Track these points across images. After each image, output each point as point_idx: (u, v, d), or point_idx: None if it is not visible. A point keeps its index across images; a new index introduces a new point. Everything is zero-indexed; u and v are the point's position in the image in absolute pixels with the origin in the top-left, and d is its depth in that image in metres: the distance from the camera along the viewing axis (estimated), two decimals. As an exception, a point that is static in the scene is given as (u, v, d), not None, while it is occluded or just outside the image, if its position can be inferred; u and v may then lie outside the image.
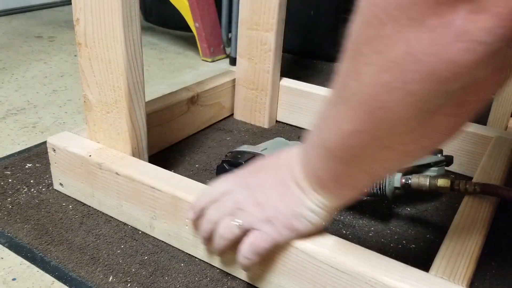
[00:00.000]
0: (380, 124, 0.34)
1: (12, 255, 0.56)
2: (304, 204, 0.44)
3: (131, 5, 0.54)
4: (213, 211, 0.48)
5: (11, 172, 0.71)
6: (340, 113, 0.37)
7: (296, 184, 0.44)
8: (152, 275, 0.53)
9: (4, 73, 1.13)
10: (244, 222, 0.46)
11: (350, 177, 0.41)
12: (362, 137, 0.36)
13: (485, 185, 0.56)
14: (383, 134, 0.34)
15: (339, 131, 0.37)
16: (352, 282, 0.44)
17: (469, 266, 0.46)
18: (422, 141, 0.35)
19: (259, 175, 0.48)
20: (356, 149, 0.37)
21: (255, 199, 0.46)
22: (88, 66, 0.59)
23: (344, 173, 0.40)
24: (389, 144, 0.35)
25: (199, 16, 1.30)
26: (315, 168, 0.42)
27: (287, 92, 0.91)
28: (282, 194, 0.45)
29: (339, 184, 0.41)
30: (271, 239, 0.45)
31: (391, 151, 0.36)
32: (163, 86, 1.12)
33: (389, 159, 0.37)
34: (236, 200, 0.47)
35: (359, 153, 0.37)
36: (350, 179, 0.41)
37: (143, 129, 0.62)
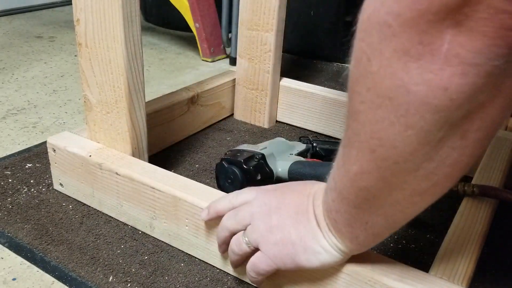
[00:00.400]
0: (384, 163, 0.32)
1: (12, 255, 0.56)
2: (317, 240, 0.42)
3: (131, 6, 0.54)
4: (229, 218, 0.47)
5: (11, 172, 0.71)
6: (347, 154, 0.36)
7: (315, 217, 0.42)
8: (152, 275, 0.53)
9: (4, 73, 1.13)
10: (251, 239, 0.45)
11: (363, 222, 0.38)
12: (368, 178, 0.34)
13: (483, 187, 0.55)
14: (389, 173, 0.33)
15: (347, 173, 0.36)
16: (352, 282, 0.44)
17: (469, 266, 0.46)
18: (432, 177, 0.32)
19: (282, 196, 0.45)
20: (365, 191, 0.35)
21: (269, 219, 0.44)
22: (89, 66, 0.59)
23: (356, 217, 0.38)
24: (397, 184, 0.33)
25: (199, 16, 1.30)
26: (331, 210, 0.40)
27: (287, 92, 0.91)
28: (298, 222, 0.43)
29: (352, 229, 0.39)
30: (272, 264, 0.44)
31: (400, 191, 0.34)
32: (163, 86, 1.12)
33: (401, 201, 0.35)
34: (252, 212, 0.45)
35: (369, 196, 0.35)
36: (363, 224, 0.38)
37: (143, 129, 0.62)
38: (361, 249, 0.41)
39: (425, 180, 0.32)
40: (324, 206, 0.41)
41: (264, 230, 0.44)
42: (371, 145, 0.32)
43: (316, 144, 0.75)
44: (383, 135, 0.31)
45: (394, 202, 0.35)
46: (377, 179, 0.34)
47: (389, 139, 0.31)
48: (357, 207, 0.37)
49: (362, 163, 0.34)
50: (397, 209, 0.36)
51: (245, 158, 0.65)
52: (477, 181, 0.62)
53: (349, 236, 0.40)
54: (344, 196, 0.37)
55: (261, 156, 0.66)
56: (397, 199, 0.35)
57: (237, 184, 0.64)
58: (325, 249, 0.42)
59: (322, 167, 0.64)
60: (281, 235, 0.43)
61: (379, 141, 0.31)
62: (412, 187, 0.33)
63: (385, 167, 0.32)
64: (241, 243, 0.46)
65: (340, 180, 0.37)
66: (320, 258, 0.42)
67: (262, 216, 0.45)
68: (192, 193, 0.54)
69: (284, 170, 0.66)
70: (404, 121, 0.29)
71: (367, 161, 0.33)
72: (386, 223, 0.37)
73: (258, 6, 0.82)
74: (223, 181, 0.66)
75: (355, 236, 0.39)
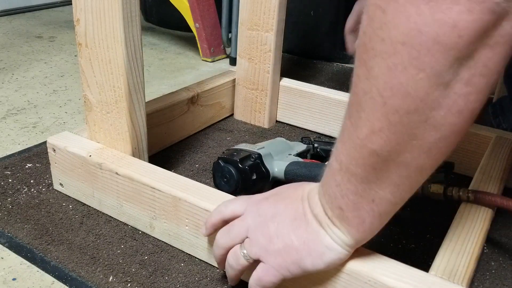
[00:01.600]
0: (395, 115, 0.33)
1: (12, 255, 0.56)
2: (321, 240, 0.41)
3: (131, 6, 0.54)
4: (223, 236, 0.47)
5: (11, 172, 0.71)
6: (354, 122, 0.36)
7: (314, 217, 0.42)
8: (152, 275, 0.53)
9: (4, 73, 1.13)
10: (250, 253, 0.44)
11: (369, 200, 0.38)
12: (379, 139, 0.35)
13: (478, 193, 0.55)
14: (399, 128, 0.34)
15: (356, 141, 0.36)
16: (352, 282, 0.44)
17: (469, 266, 0.46)
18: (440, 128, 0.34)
19: (275, 204, 0.45)
20: (374, 157, 0.36)
21: (267, 229, 0.43)
22: (89, 66, 0.59)
23: (363, 196, 0.38)
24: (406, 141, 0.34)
25: (199, 16, 1.30)
26: (334, 197, 0.40)
27: (287, 92, 0.91)
28: (297, 228, 0.42)
29: (359, 212, 0.39)
30: (278, 275, 0.43)
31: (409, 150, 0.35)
32: (163, 86, 1.12)
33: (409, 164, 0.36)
34: (247, 226, 0.45)
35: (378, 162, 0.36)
36: (369, 203, 0.38)
37: (143, 129, 0.62)
38: (366, 237, 0.41)
39: (433, 131, 0.34)
40: (325, 199, 0.41)
41: (264, 242, 0.43)
42: (383, 98, 0.33)
43: (317, 145, 0.75)
44: (395, 84, 0.32)
45: (402, 166, 0.36)
46: (387, 137, 0.35)
47: (402, 86, 0.32)
48: (365, 181, 0.37)
49: (373, 121, 0.35)
50: (404, 176, 0.37)
51: (241, 158, 0.65)
52: (477, 180, 0.62)
53: (356, 221, 0.40)
54: (352, 172, 0.38)
55: (258, 155, 0.66)
56: (406, 161, 0.35)
57: (232, 183, 0.64)
58: (330, 248, 0.41)
59: (318, 168, 0.63)
60: (283, 244, 0.42)
61: (391, 91, 0.33)
62: (420, 143, 0.34)
63: (396, 120, 0.34)
64: (239, 257, 0.45)
65: (347, 153, 0.38)
66: (324, 259, 0.42)
67: (258, 228, 0.44)
68: (192, 193, 0.54)
69: (280, 170, 0.66)
70: (416, 64, 0.31)
71: (378, 118, 0.34)
72: (392, 197, 0.38)
73: (258, 6, 0.82)
74: (219, 179, 0.66)
75: (362, 220, 0.39)
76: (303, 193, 0.44)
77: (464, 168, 0.77)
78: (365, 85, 0.35)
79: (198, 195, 0.54)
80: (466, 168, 0.77)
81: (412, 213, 0.67)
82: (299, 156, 0.71)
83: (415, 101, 0.32)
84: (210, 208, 0.52)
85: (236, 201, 0.48)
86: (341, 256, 0.42)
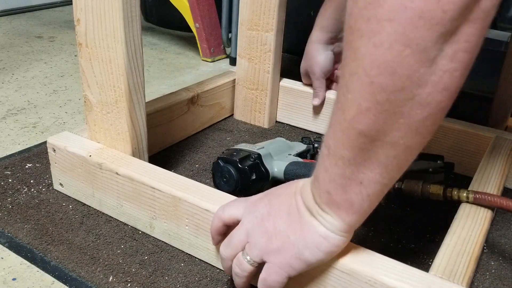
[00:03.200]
0: (382, 94, 0.34)
1: (12, 255, 0.56)
2: (315, 229, 0.42)
3: (131, 6, 0.54)
4: (226, 248, 0.47)
5: (11, 172, 0.71)
6: (342, 105, 0.37)
7: (306, 208, 0.42)
8: (152, 275, 0.53)
9: (4, 73, 1.13)
10: (253, 256, 0.44)
11: (357, 182, 0.38)
12: (366, 119, 0.35)
13: (478, 193, 0.54)
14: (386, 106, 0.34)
15: (344, 123, 0.37)
16: (352, 282, 0.44)
17: (469, 266, 0.46)
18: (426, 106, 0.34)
19: (269, 203, 0.45)
20: (362, 137, 0.36)
21: (265, 229, 0.44)
22: (89, 66, 0.59)
23: (352, 178, 0.38)
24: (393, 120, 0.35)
25: (199, 16, 1.30)
26: (323, 183, 0.40)
27: (287, 92, 0.91)
28: (292, 222, 0.43)
29: (347, 195, 0.39)
30: (282, 273, 0.43)
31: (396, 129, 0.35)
32: (163, 86, 1.12)
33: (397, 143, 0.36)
34: (246, 231, 0.45)
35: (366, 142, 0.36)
36: (358, 185, 0.38)
37: (143, 129, 0.62)
38: (358, 219, 0.41)
39: (420, 109, 0.34)
40: (315, 187, 0.42)
41: (264, 242, 0.43)
42: (370, 77, 0.34)
43: (317, 145, 0.75)
44: (381, 62, 0.33)
45: (390, 146, 0.36)
46: (375, 117, 0.35)
47: (388, 64, 0.33)
48: (352, 163, 0.38)
49: (360, 102, 0.35)
50: (392, 156, 0.37)
51: (240, 158, 0.65)
52: (476, 181, 0.62)
53: (345, 205, 0.40)
54: (339, 155, 0.38)
55: (257, 156, 0.66)
56: (393, 141, 0.36)
57: (232, 183, 0.64)
58: (324, 236, 0.41)
59: None
60: (281, 241, 0.43)
61: (378, 70, 0.33)
62: (407, 121, 0.35)
63: (383, 99, 0.34)
64: (243, 263, 0.45)
65: (334, 137, 0.38)
66: (322, 248, 0.42)
67: (256, 229, 0.44)
68: (192, 193, 0.54)
69: (280, 170, 0.66)
70: (402, 40, 0.31)
71: (365, 98, 0.34)
72: (380, 178, 0.38)
73: (258, 6, 0.82)
74: (219, 179, 0.66)
75: (351, 203, 0.40)
76: (296, 188, 0.45)
77: (464, 169, 0.77)
78: (351, 67, 0.35)
79: (198, 195, 0.54)
80: (466, 168, 0.77)
81: (412, 213, 0.67)
82: (299, 156, 0.71)
83: (402, 78, 0.33)
84: (210, 208, 0.52)
85: (233, 204, 0.48)
86: (338, 243, 0.42)
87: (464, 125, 0.77)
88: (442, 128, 0.77)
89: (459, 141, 0.76)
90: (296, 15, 1.33)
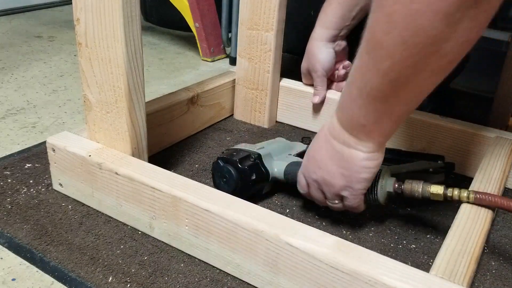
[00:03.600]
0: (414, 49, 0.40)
1: (12, 255, 0.56)
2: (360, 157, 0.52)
3: (131, 5, 0.54)
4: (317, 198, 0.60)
5: (10, 172, 0.71)
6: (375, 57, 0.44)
7: (343, 144, 0.52)
8: (151, 275, 0.53)
9: (3, 73, 1.13)
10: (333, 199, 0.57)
11: (388, 113, 0.48)
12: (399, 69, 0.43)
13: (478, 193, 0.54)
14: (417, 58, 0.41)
15: (378, 72, 0.44)
16: (352, 282, 0.44)
17: (469, 266, 0.46)
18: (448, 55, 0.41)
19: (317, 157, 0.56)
20: (394, 82, 0.44)
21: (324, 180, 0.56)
22: (88, 66, 0.59)
23: (384, 111, 0.48)
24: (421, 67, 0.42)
25: (199, 16, 1.30)
26: (358, 118, 0.49)
27: (287, 92, 0.91)
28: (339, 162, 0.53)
29: (379, 124, 0.49)
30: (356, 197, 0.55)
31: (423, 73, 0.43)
32: (163, 86, 1.12)
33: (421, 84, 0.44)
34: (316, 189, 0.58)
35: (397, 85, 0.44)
36: (388, 115, 0.48)
37: (143, 129, 0.62)
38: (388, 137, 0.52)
39: (442, 58, 0.41)
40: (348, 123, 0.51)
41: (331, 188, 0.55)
42: (403, 37, 0.40)
43: None
44: (414, 25, 0.39)
45: (416, 86, 0.44)
46: (407, 66, 0.42)
47: (421, 27, 0.39)
48: (384, 101, 0.46)
49: (394, 56, 0.42)
50: (416, 92, 0.46)
51: (240, 158, 0.64)
52: (477, 181, 0.62)
53: (378, 131, 0.50)
54: (373, 95, 0.46)
55: (257, 156, 0.65)
56: (419, 82, 0.44)
57: (231, 183, 0.64)
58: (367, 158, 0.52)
59: None
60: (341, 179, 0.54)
61: (412, 31, 0.40)
62: (431, 67, 0.42)
63: (415, 53, 0.41)
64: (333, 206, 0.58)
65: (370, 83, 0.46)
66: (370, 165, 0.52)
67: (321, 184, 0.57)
68: (192, 193, 0.54)
69: (280, 170, 0.66)
70: (432, 8, 0.38)
71: (399, 53, 0.41)
72: (406, 108, 0.48)
73: (258, 5, 0.82)
74: (218, 179, 0.66)
75: (382, 129, 0.50)
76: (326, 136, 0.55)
77: (464, 169, 0.77)
78: (385, 27, 0.41)
79: (198, 195, 0.53)
80: (466, 168, 0.77)
81: (412, 213, 0.67)
82: (299, 156, 0.71)
83: (430, 37, 0.39)
84: (210, 208, 0.52)
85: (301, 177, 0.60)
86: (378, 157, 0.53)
87: (464, 125, 0.77)
88: (442, 128, 0.77)
89: (459, 141, 0.76)
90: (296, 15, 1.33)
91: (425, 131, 0.78)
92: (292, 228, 0.49)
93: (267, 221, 0.50)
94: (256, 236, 0.49)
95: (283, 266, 0.48)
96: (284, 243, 0.47)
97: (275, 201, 0.67)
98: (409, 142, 0.80)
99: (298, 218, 0.64)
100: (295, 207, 0.66)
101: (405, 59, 0.42)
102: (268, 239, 0.49)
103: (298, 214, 0.65)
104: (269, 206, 0.66)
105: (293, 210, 0.66)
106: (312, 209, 0.66)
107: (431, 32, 0.39)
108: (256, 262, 0.51)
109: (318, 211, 0.65)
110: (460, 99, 1.08)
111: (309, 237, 0.47)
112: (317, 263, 0.46)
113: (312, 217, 0.64)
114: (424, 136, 0.79)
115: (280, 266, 0.49)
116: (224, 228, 0.51)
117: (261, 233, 0.49)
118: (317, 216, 0.65)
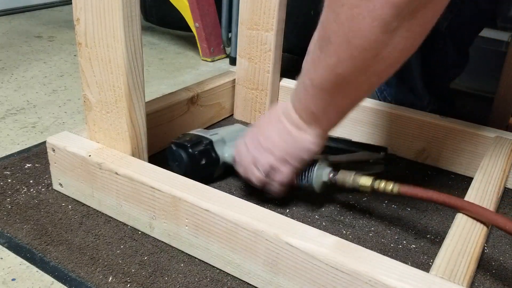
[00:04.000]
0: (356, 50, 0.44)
1: (12, 255, 0.56)
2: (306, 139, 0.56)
3: (131, 5, 0.54)
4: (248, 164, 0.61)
5: (10, 172, 0.71)
6: (325, 53, 0.47)
7: (292, 125, 0.56)
8: (151, 275, 0.53)
9: (3, 73, 1.13)
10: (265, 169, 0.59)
11: (334, 105, 0.52)
12: (344, 66, 0.46)
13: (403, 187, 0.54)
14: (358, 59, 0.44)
15: (327, 67, 0.48)
16: (352, 282, 0.44)
17: (469, 266, 0.46)
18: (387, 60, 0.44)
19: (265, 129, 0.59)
20: (340, 78, 0.48)
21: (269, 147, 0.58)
22: (88, 66, 0.59)
23: (330, 103, 0.52)
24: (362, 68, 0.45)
25: (199, 16, 1.30)
26: (309, 106, 0.53)
27: (287, 92, 0.91)
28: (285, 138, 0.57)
29: (326, 114, 0.54)
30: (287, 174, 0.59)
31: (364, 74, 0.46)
32: (163, 86, 1.12)
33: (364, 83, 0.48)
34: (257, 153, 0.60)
35: (342, 81, 0.48)
36: (334, 106, 0.53)
37: (143, 129, 0.62)
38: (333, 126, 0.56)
39: (382, 62, 0.45)
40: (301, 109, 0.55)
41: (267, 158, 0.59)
42: (348, 38, 0.43)
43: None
44: (357, 28, 0.42)
45: (359, 84, 0.48)
46: (350, 65, 0.46)
47: (361, 30, 0.42)
48: (330, 94, 0.51)
49: (340, 53, 0.45)
50: (359, 90, 0.50)
51: (192, 143, 0.67)
52: (477, 180, 0.62)
53: (325, 119, 0.55)
54: (322, 87, 0.50)
55: (209, 142, 0.69)
56: (361, 81, 0.48)
57: (182, 166, 0.67)
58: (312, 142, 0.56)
59: None
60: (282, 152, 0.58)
61: (354, 33, 0.43)
62: (372, 69, 0.46)
63: (356, 54, 0.44)
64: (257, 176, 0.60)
65: (318, 74, 0.50)
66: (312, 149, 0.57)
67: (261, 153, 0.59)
68: (192, 193, 0.54)
69: (230, 155, 0.69)
70: (372, 15, 0.41)
71: (344, 51, 0.45)
72: (351, 102, 0.53)
73: (258, 5, 0.82)
74: (171, 162, 0.69)
75: (328, 118, 0.55)
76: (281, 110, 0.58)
77: (464, 169, 0.77)
78: (334, 26, 0.44)
79: (198, 195, 0.53)
80: (466, 168, 0.77)
81: (412, 213, 0.67)
82: None
83: (370, 41, 0.42)
84: (210, 208, 0.52)
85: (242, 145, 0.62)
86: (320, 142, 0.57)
87: (464, 125, 0.77)
88: (442, 128, 0.77)
89: (459, 141, 0.76)
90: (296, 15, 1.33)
91: (425, 131, 0.78)
92: (292, 228, 0.49)
93: (267, 221, 0.50)
94: (256, 236, 0.49)
95: (283, 266, 0.48)
96: (284, 243, 0.47)
97: (275, 201, 0.67)
98: (409, 142, 0.80)
99: (298, 218, 0.64)
100: (295, 207, 0.66)
101: (349, 58, 0.45)
102: (268, 239, 0.49)
103: (298, 214, 0.65)
104: (269, 206, 0.66)
105: (293, 210, 0.66)
106: (312, 209, 0.66)
107: (370, 37, 0.42)
108: (256, 262, 0.51)
109: (318, 211, 0.65)
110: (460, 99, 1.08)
111: (309, 237, 0.47)
112: (317, 263, 0.46)
113: (312, 217, 0.64)
114: (424, 136, 0.79)
115: (280, 266, 0.49)
116: (224, 228, 0.51)
117: (261, 233, 0.49)
118: (317, 216, 0.65)
